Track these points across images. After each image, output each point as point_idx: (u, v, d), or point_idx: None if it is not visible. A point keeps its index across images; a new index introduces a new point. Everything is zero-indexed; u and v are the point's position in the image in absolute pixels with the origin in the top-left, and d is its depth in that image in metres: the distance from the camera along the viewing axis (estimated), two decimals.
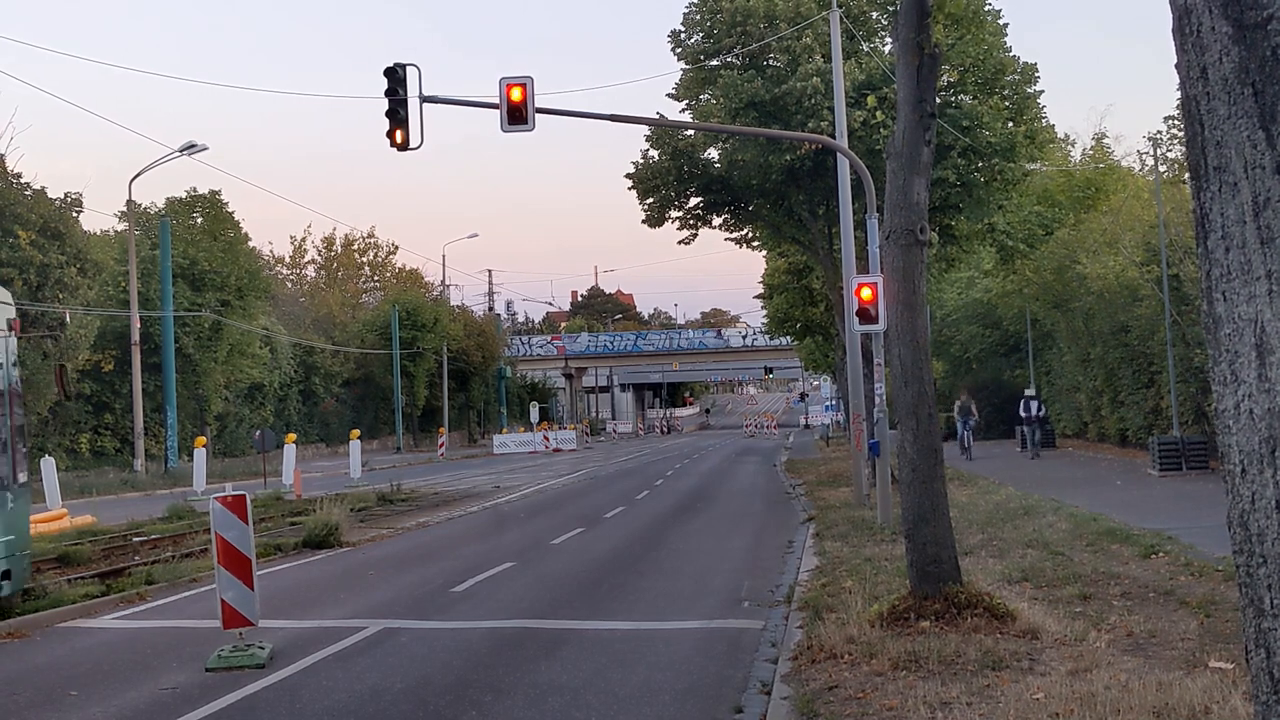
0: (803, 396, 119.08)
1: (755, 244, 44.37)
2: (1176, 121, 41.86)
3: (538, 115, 20.57)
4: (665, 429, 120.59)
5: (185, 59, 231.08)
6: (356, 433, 44.21)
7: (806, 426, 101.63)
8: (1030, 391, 40.57)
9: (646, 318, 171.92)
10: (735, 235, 41.53)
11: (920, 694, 8.47)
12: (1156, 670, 8.81)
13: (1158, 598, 12.00)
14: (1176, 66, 3.10)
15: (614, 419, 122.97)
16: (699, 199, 37.75)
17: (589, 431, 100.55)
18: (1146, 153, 46.99)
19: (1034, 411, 39.10)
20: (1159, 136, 43.93)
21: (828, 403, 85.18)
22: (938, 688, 8.62)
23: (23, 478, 15.10)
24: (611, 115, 23.30)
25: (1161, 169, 38.31)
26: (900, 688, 8.75)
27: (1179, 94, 3.16)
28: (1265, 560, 2.98)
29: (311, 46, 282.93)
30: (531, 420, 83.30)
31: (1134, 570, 13.79)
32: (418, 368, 77.36)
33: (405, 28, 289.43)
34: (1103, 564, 14.31)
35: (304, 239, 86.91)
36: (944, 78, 30.49)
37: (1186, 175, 40.63)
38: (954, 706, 8.20)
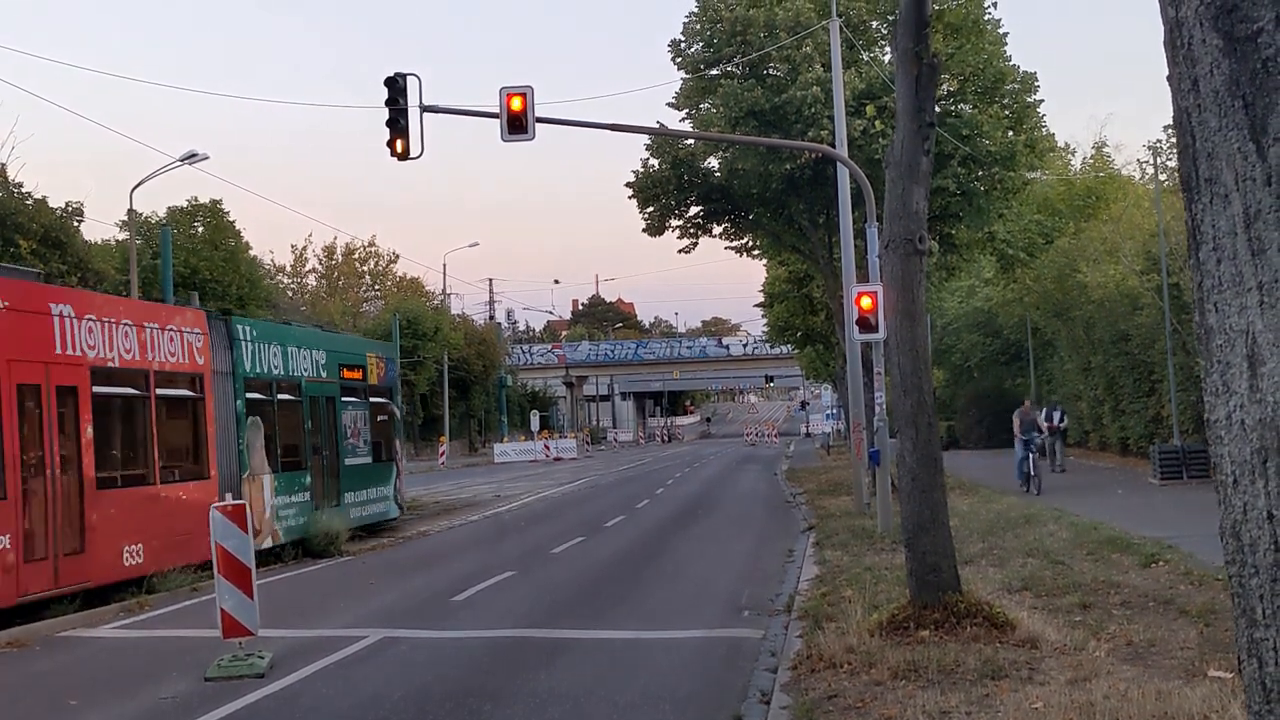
0: (803, 405, 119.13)
1: (755, 253, 44.41)
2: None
3: (538, 125, 20.62)
4: (666, 437, 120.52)
5: (186, 68, 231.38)
6: None
7: (807, 435, 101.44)
8: (1055, 398, 37.98)
9: (647, 326, 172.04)
10: (735, 244, 41.56)
11: (920, 703, 8.47)
12: (1156, 679, 8.80)
13: (1157, 606, 11.98)
14: (1169, 79, 3.12)
15: (615, 427, 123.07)
16: (699, 208, 37.79)
17: (590, 440, 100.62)
18: (1146, 161, 46.94)
19: (1057, 421, 35.52)
20: (1159, 145, 43.84)
21: (828, 411, 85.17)
22: (937, 697, 8.62)
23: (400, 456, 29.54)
24: (612, 124, 23.35)
25: (1161, 178, 38.31)
26: (900, 697, 8.75)
27: (1172, 106, 3.18)
28: (1257, 571, 2.99)
29: (312, 56, 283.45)
30: (532, 429, 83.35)
31: (1134, 579, 13.78)
32: (418, 376, 77.34)
33: (406, 37, 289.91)
34: (1103, 573, 14.29)
35: (305, 248, 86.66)
36: (944, 86, 30.55)
37: None
38: (953, 715, 8.20)
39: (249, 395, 21.82)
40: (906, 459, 11.50)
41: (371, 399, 27.82)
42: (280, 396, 23.27)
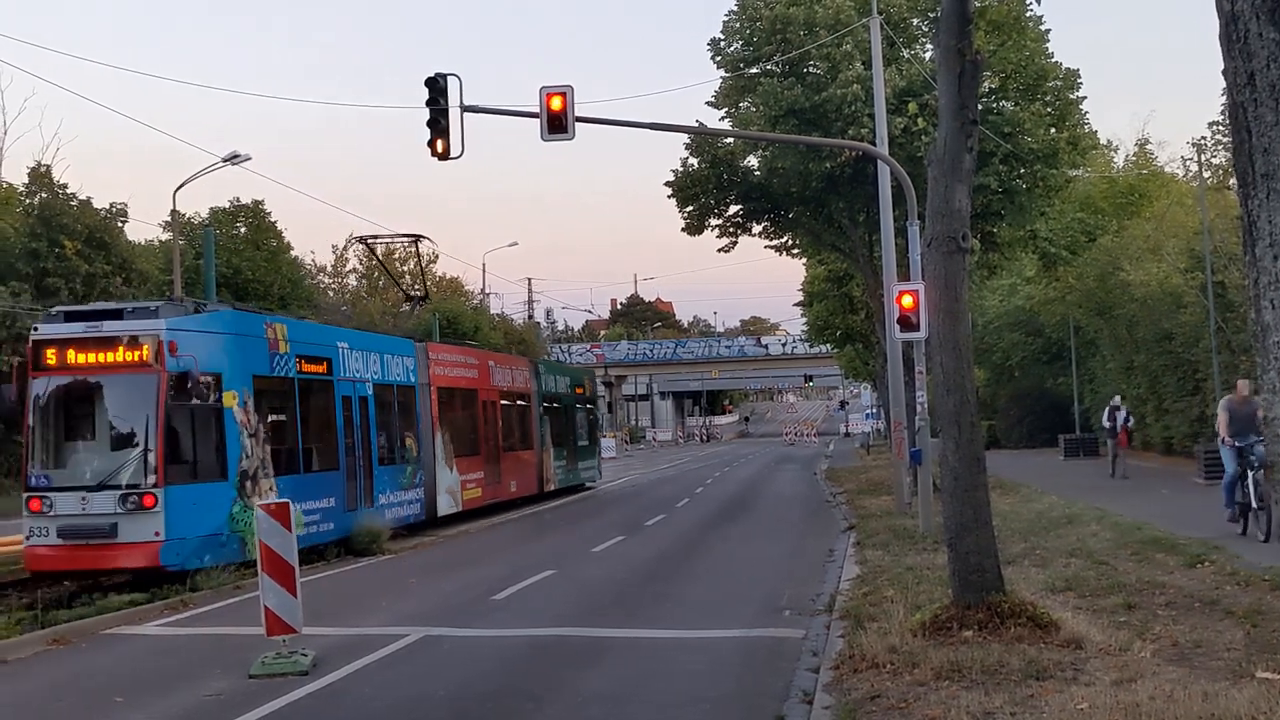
0: (843, 404, 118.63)
1: (795, 251, 44.35)
2: (1221, 127, 41.57)
3: (578, 124, 20.62)
4: (705, 437, 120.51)
5: (228, 70, 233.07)
6: None
7: (847, 434, 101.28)
8: (1116, 400, 34.11)
9: (685, 325, 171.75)
10: (775, 243, 41.50)
11: (963, 704, 8.41)
12: (1202, 681, 8.71)
13: (1203, 607, 11.87)
14: (1223, 73, 3.07)
15: (653, 427, 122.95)
16: (738, 206, 37.74)
17: (629, 439, 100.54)
18: (1190, 158, 46.59)
19: (1120, 422, 32.25)
20: (1203, 142, 43.46)
21: (868, 410, 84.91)
22: (981, 698, 8.56)
23: (596, 445, 45.68)
24: (652, 124, 23.36)
25: (1205, 175, 37.99)
26: (943, 697, 8.69)
27: (1226, 100, 3.13)
28: None
29: (352, 56, 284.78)
30: None
31: (1179, 579, 13.65)
32: None
33: (445, 37, 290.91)
34: (1147, 573, 14.17)
35: (346, 247, 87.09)
36: (985, 84, 30.36)
37: (1231, 181, 40.38)
38: (997, 716, 8.15)
39: (543, 404, 37.08)
40: (949, 458, 11.42)
41: (586, 406, 43.96)
42: (554, 405, 38.60)
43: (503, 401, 33.24)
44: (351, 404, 23.63)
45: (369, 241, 38.54)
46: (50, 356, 18.76)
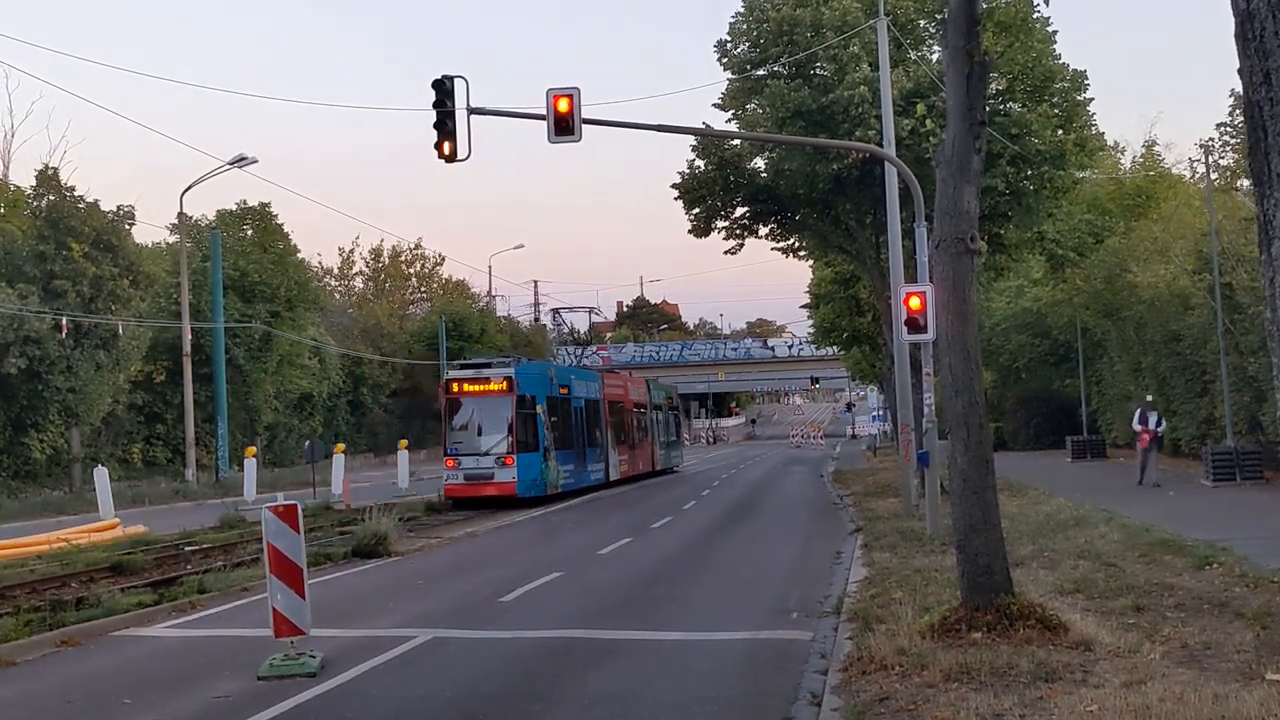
0: (849, 406, 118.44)
1: (802, 253, 44.36)
2: (1229, 128, 41.47)
3: (584, 126, 20.62)
4: (711, 439, 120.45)
5: (235, 73, 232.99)
6: (405, 443, 44.10)
7: (854, 436, 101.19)
8: (1150, 398, 32.06)
9: (692, 328, 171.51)
10: (782, 245, 41.51)
11: (972, 706, 8.40)
12: (1212, 682, 8.70)
13: (1212, 609, 11.84)
14: (1239, 72, 3.05)
15: None
16: (745, 208, 37.76)
17: None
18: (1198, 160, 46.46)
19: (1152, 425, 29.47)
20: (1211, 144, 43.36)
21: (875, 413, 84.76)
22: (990, 699, 8.54)
23: (680, 440, 65.79)
24: (658, 125, 23.33)
25: (1213, 176, 37.93)
26: (952, 699, 8.68)
27: (1241, 99, 3.11)
28: None
29: (359, 59, 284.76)
30: None
31: (1188, 581, 13.62)
32: None
33: (451, 39, 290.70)
34: (1156, 575, 14.14)
35: (352, 250, 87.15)
36: (993, 85, 30.34)
37: (1239, 183, 40.34)
38: (1006, 718, 8.14)
39: (654, 410, 51.75)
40: (958, 460, 11.40)
41: (675, 411, 59.97)
42: (659, 410, 53.29)
43: (635, 409, 48.57)
44: (577, 411, 39.38)
45: (560, 311, 62.09)
46: (455, 387, 34.59)
